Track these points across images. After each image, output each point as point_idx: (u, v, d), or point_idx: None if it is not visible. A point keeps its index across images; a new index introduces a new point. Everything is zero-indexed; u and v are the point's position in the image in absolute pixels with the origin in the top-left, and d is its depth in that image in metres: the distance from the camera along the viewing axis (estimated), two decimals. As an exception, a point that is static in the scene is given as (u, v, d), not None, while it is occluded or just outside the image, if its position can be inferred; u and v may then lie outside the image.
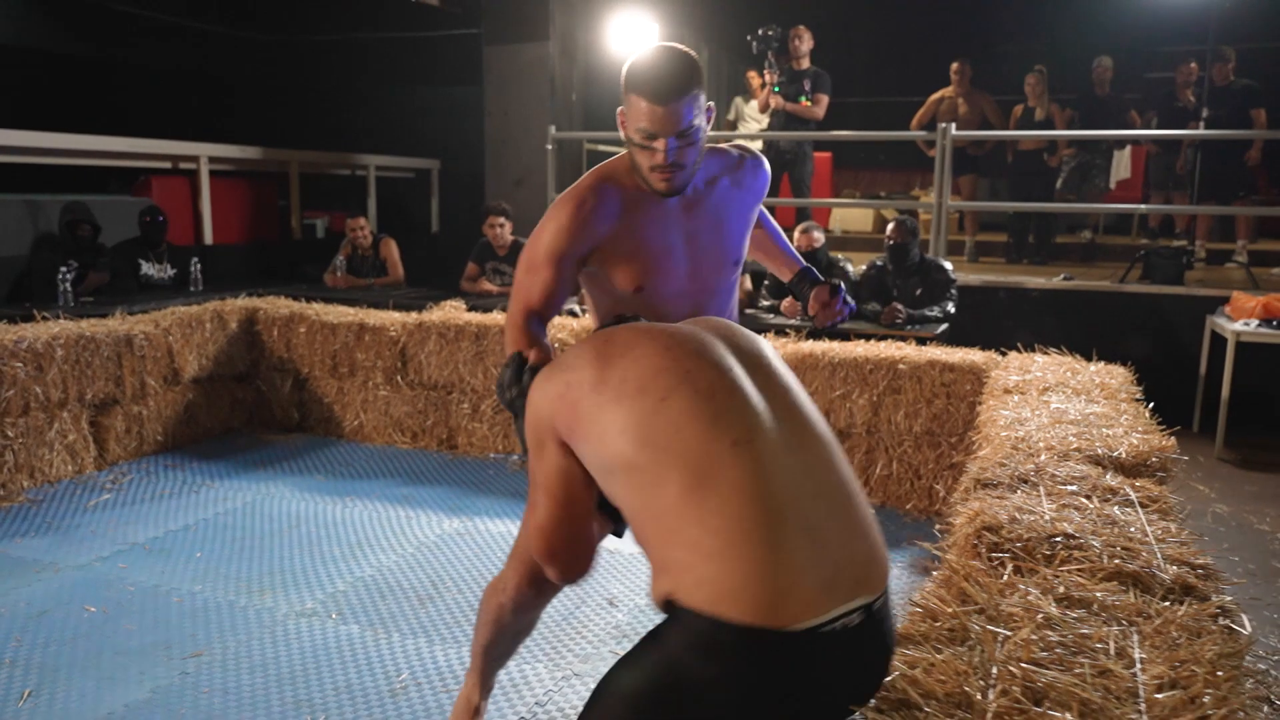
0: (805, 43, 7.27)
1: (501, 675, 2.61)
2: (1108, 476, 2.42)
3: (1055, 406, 3.22)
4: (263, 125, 9.76)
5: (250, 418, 5.46)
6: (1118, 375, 3.75)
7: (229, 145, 7.85)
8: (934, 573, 1.84)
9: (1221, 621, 1.63)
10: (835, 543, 1.34)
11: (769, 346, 1.59)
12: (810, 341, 4.50)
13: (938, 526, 2.26)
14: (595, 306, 2.12)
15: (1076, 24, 9.67)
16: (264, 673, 2.75)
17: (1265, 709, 2.70)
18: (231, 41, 10.51)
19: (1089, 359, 3.98)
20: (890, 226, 5.28)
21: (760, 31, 7.36)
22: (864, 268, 5.44)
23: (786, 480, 1.35)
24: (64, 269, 5.42)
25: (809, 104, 7.29)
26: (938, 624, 1.57)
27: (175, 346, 4.96)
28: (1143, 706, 1.35)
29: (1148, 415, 3.13)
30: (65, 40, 9.19)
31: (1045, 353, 4.10)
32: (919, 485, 4.28)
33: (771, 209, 7.76)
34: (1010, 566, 1.85)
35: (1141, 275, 6.19)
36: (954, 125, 6.88)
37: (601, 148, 7.93)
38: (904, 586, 3.34)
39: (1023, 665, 1.43)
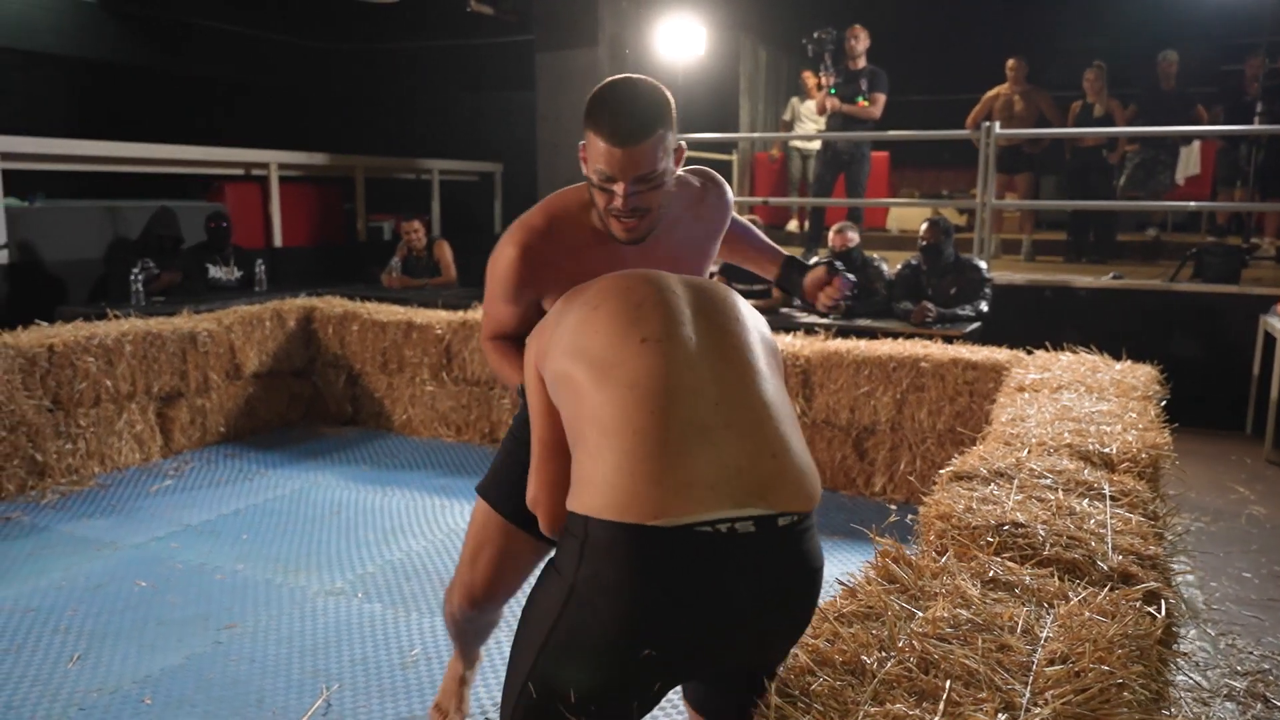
0: (861, 42, 7.28)
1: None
2: (1086, 471, 2.46)
3: (1063, 404, 3.25)
4: (330, 132, 10.17)
5: (307, 411, 5.75)
6: (1141, 375, 3.74)
7: (298, 152, 8.24)
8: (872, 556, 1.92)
9: (1140, 605, 1.68)
10: (732, 451, 1.33)
11: (743, 307, 1.58)
12: (838, 340, 4.57)
13: (910, 517, 2.34)
14: None
15: (1141, 18, 9.45)
16: (289, 644, 2.96)
17: (1259, 705, 2.71)
18: (300, 52, 10.97)
19: (1137, 359, 3.95)
20: (923, 227, 5.31)
21: (815, 34, 7.41)
22: (899, 267, 5.47)
23: (690, 382, 1.36)
24: (135, 270, 5.79)
25: (866, 104, 7.31)
26: (858, 601, 1.66)
27: (237, 343, 5.26)
28: (1030, 678, 1.43)
29: (1154, 413, 3.14)
30: (145, 54, 9.73)
31: (1074, 352, 4.09)
32: (943, 483, 4.31)
33: (822, 210, 7.81)
34: (951, 552, 1.93)
35: (1194, 274, 6.07)
36: (999, 124, 6.84)
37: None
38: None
39: (926, 640, 1.52)
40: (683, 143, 1.80)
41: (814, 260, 2.08)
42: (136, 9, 9.58)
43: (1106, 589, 1.74)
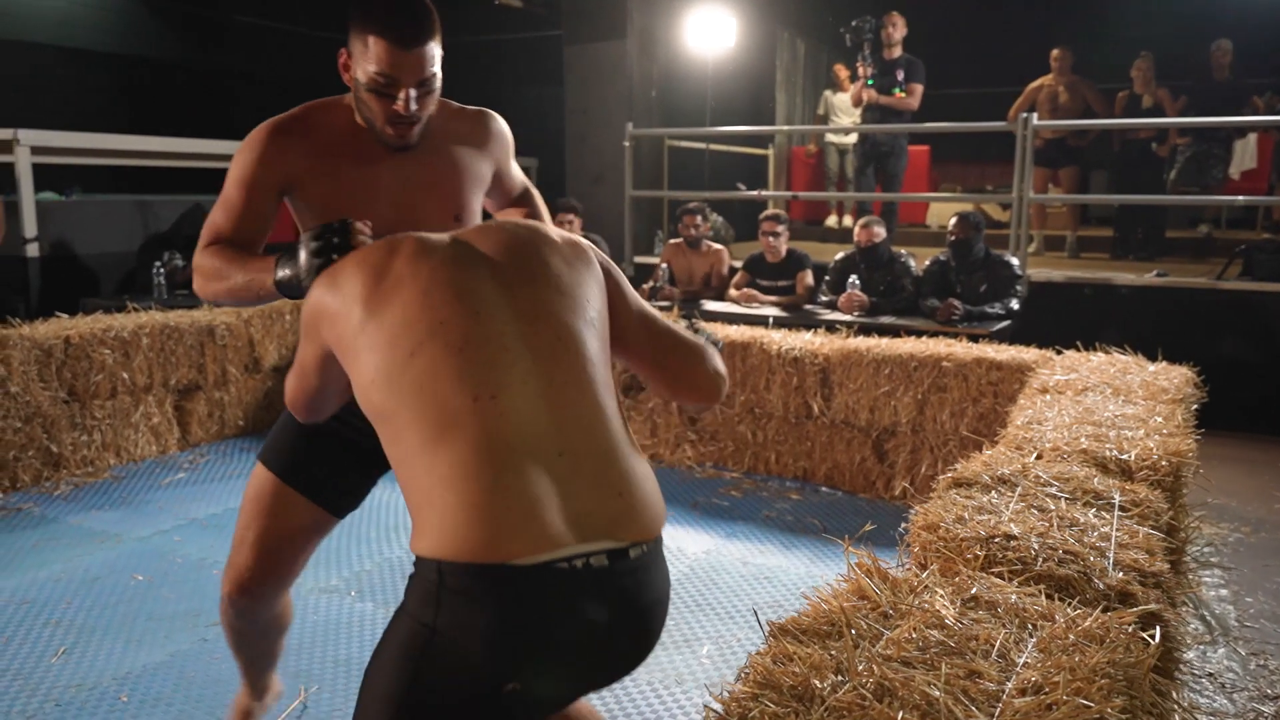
0: (899, 30, 7.08)
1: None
2: (1097, 479, 2.30)
3: (1086, 407, 3.08)
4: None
5: (327, 405, 5.72)
6: (1175, 377, 3.54)
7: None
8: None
9: (1135, 630, 1.54)
10: (580, 498, 1.32)
11: (562, 266, 1.49)
12: (859, 337, 4.42)
13: (903, 526, 2.20)
14: None
15: (1193, 5, 9.09)
16: (274, 643, 2.91)
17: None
18: (334, 47, 11.02)
19: (1181, 361, 3.74)
20: (952, 222, 5.12)
21: (854, 23, 7.22)
22: (927, 263, 5.29)
23: (530, 433, 1.33)
24: (158, 263, 5.81)
25: (903, 95, 7.11)
26: (821, 617, 1.54)
27: (256, 336, 5.26)
28: (997, 710, 1.30)
29: (1182, 418, 2.96)
30: (184, 50, 9.84)
31: (1107, 352, 3.91)
32: (966, 487, 4.14)
33: (866, 206, 7.62)
34: (934, 567, 1.80)
35: (1242, 272, 5.80)
36: (1042, 116, 6.61)
37: (683, 144, 7.95)
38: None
39: (888, 663, 1.40)
40: (441, 51, 1.79)
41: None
42: (176, 5, 9.69)
43: (1098, 610, 1.60)
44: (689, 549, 3.70)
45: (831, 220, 9.66)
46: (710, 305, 5.70)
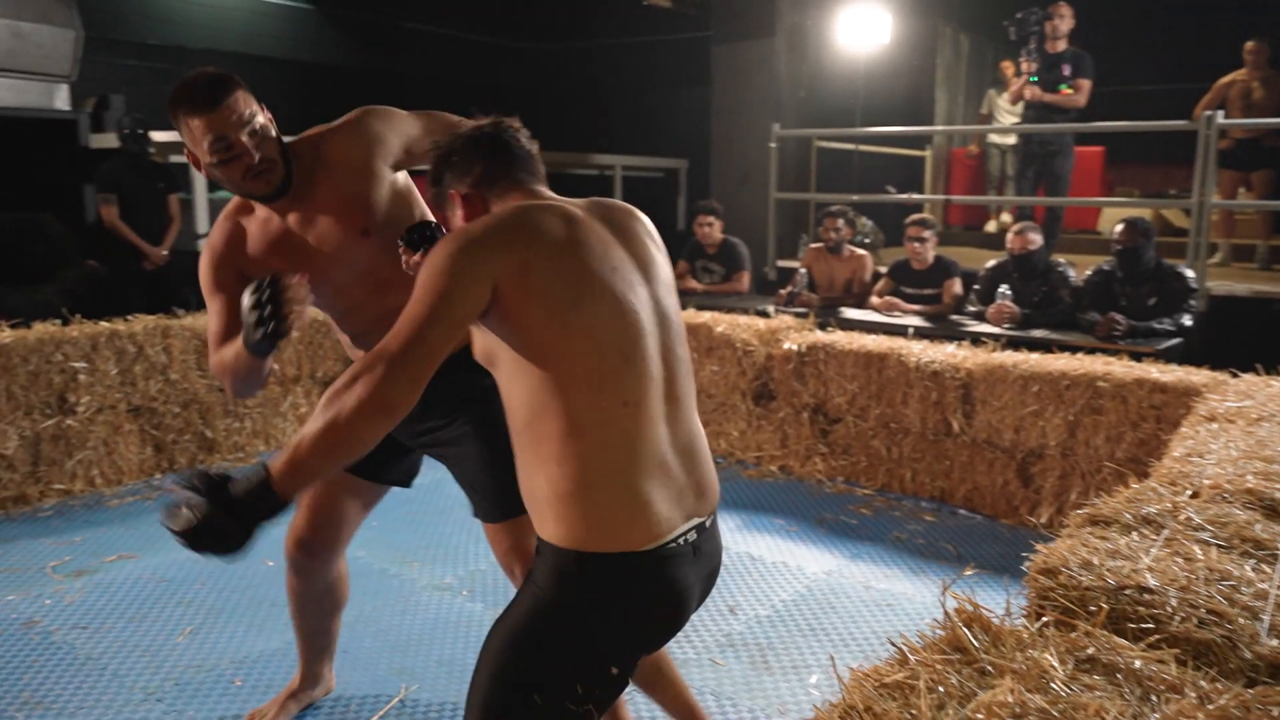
0: (1066, 22, 6.61)
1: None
2: (1259, 526, 2.03)
3: (1259, 439, 2.75)
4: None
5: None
6: (1374, 408, 3.12)
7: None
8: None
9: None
10: (683, 480, 1.57)
11: (658, 254, 1.69)
12: (1006, 352, 4.13)
13: (1025, 565, 2.00)
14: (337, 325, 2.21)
15: None
16: (383, 638, 2.95)
17: None
18: (489, 50, 11.29)
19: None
20: (1119, 228, 4.72)
21: (1018, 15, 6.81)
22: (1089, 273, 4.90)
23: (657, 437, 1.54)
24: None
25: (1070, 92, 6.65)
26: (906, 670, 1.39)
27: (399, 332, 5.42)
28: (1099, 799, 1.13)
29: (1375, 457, 2.58)
30: (356, 55, 10.31)
31: (1292, 376, 3.50)
32: (1121, 519, 3.79)
33: (1027, 210, 7.17)
34: (1049, 619, 1.61)
35: None
36: (1234, 115, 6.02)
37: (831, 145, 7.70)
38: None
39: (976, 730, 1.24)
40: (261, 104, 1.95)
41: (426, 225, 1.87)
42: (350, 14, 10.18)
43: (1240, 684, 1.38)
44: (809, 568, 3.54)
45: (992, 225, 9.16)
46: (850, 313, 5.48)
